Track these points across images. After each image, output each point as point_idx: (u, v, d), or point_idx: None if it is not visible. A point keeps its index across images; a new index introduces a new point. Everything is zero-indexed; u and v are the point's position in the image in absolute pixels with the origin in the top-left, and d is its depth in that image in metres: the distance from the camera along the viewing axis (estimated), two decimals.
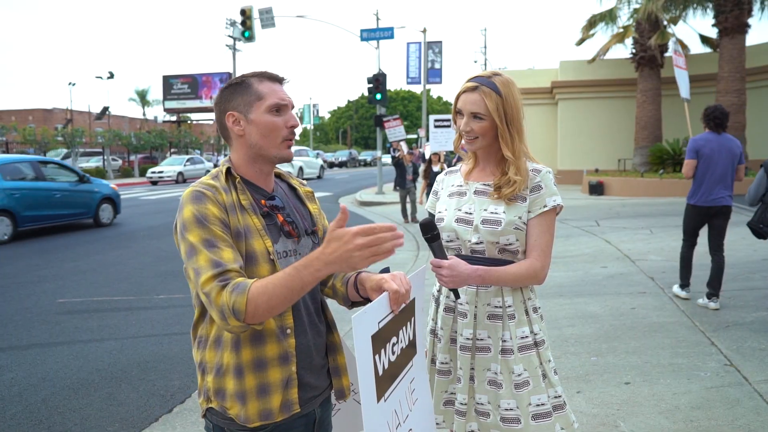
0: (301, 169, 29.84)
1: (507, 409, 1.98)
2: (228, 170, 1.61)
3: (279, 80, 1.65)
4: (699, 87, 20.08)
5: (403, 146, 16.48)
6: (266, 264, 1.55)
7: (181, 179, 30.90)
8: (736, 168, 5.60)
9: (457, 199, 2.10)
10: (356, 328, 1.37)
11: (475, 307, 2.04)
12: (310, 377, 1.64)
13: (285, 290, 1.41)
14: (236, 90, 1.61)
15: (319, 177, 32.82)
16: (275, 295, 1.40)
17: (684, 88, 10.74)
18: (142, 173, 36.02)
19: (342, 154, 56.11)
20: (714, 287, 5.55)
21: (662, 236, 9.55)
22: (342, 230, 1.37)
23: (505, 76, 2.01)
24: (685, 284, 5.96)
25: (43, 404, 3.98)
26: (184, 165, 31.93)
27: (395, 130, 17.00)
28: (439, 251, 1.89)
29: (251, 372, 1.53)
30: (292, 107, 1.65)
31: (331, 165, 51.10)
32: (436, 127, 13.62)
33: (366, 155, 60.39)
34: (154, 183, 30.58)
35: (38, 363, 4.74)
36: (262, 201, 1.62)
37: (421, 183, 12.98)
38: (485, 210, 2.00)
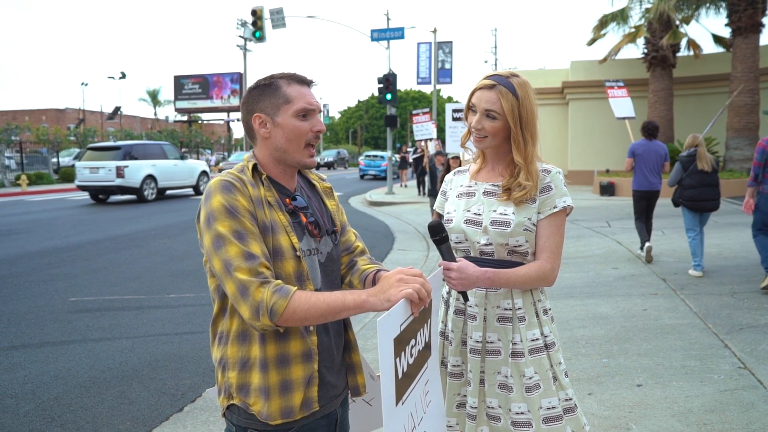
0: None
1: (518, 413, 1.96)
2: (255, 166, 1.61)
3: (308, 83, 1.64)
4: (712, 87, 19.92)
5: (431, 146, 14.64)
6: (292, 260, 1.55)
7: None
8: (662, 164, 7.99)
9: (465, 200, 2.07)
10: (380, 331, 1.36)
11: (485, 309, 2.02)
12: (331, 376, 1.64)
13: (325, 306, 1.45)
14: (264, 91, 1.59)
15: None
16: (314, 308, 1.44)
17: (620, 111, 13.05)
18: None
19: (328, 154, 48.61)
20: (647, 237, 8.03)
21: (674, 237, 9.47)
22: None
23: (523, 78, 1.99)
24: (643, 244, 8.00)
25: (56, 402, 4.01)
26: None
27: (423, 127, 14.08)
28: (447, 253, 1.87)
29: (275, 368, 1.53)
30: (320, 111, 1.65)
31: (318, 166, 48.28)
32: (455, 119, 10.37)
33: (328, 155, 50.94)
34: None
35: (51, 361, 4.78)
36: (287, 200, 1.62)
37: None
38: (494, 211, 1.98)
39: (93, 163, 17.73)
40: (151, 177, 18.18)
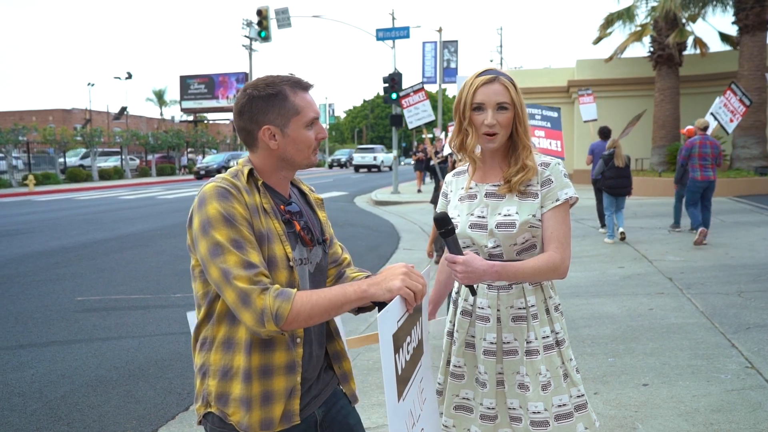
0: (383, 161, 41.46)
1: (535, 413, 1.93)
2: (251, 171, 1.58)
3: (310, 88, 1.62)
4: (718, 86, 19.76)
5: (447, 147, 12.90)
6: (285, 270, 1.53)
7: None
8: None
9: (468, 203, 2.05)
10: (381, 327, 1.36)
11: (498, 310, 1.99)
12: (313, 388, 1.64)
13: (327, 303, 1.44)
14: (272, 102, 1.54)
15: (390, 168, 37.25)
16: (318, 305, 1.43)
17: (586, 115, 14.36)
18: (159, 173, 36.37)
19: None
20: (603, 222, 10.13)
21: (680, 236, 9.44)
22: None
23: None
24: (603, 225, 10.19)
25: (63, 401, 4.03)
26: None
27: (419, 109, 10.56)
28: (454, 246, 1.82)
29: (257, 378, 1.51)
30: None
31: None
32: None
33: (341, 154, 50.44)
34: None
35: (58, 360, 4.80)
36: (282, 206, 1.60)
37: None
38: (499, 213, 1.97)
39: (363, 154, 41.04)
40: (381, 161, 40.20)
